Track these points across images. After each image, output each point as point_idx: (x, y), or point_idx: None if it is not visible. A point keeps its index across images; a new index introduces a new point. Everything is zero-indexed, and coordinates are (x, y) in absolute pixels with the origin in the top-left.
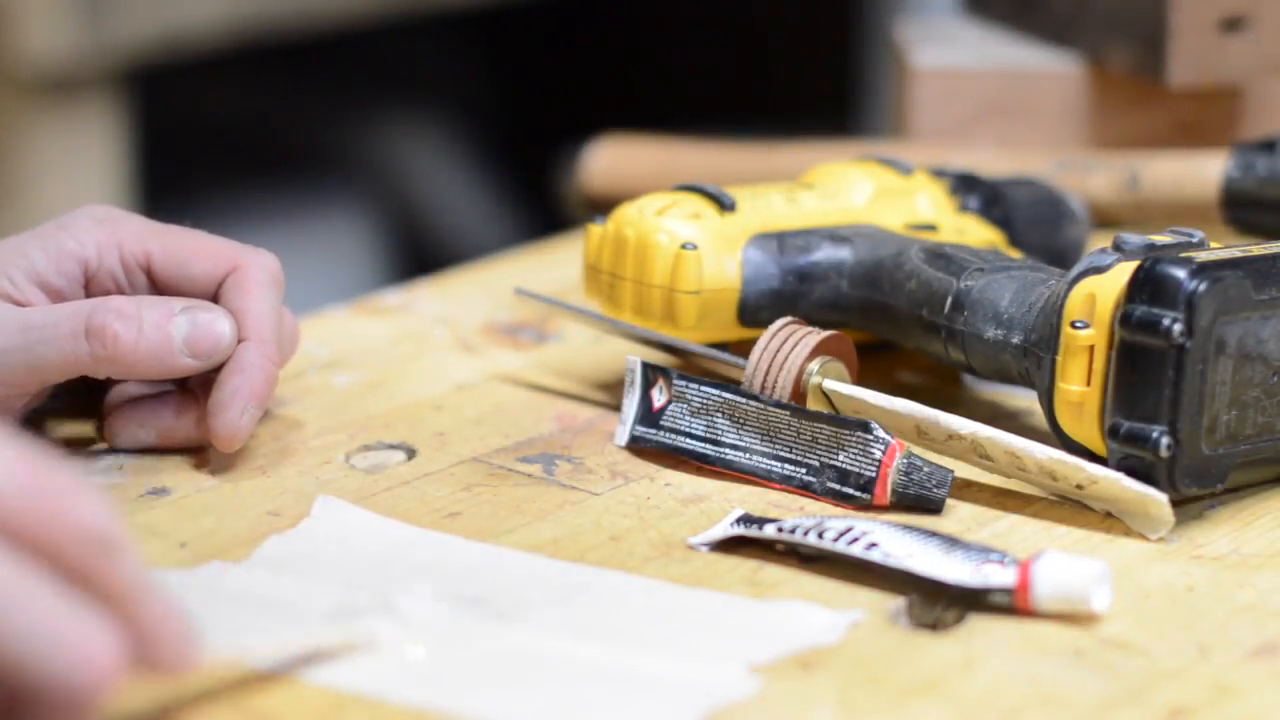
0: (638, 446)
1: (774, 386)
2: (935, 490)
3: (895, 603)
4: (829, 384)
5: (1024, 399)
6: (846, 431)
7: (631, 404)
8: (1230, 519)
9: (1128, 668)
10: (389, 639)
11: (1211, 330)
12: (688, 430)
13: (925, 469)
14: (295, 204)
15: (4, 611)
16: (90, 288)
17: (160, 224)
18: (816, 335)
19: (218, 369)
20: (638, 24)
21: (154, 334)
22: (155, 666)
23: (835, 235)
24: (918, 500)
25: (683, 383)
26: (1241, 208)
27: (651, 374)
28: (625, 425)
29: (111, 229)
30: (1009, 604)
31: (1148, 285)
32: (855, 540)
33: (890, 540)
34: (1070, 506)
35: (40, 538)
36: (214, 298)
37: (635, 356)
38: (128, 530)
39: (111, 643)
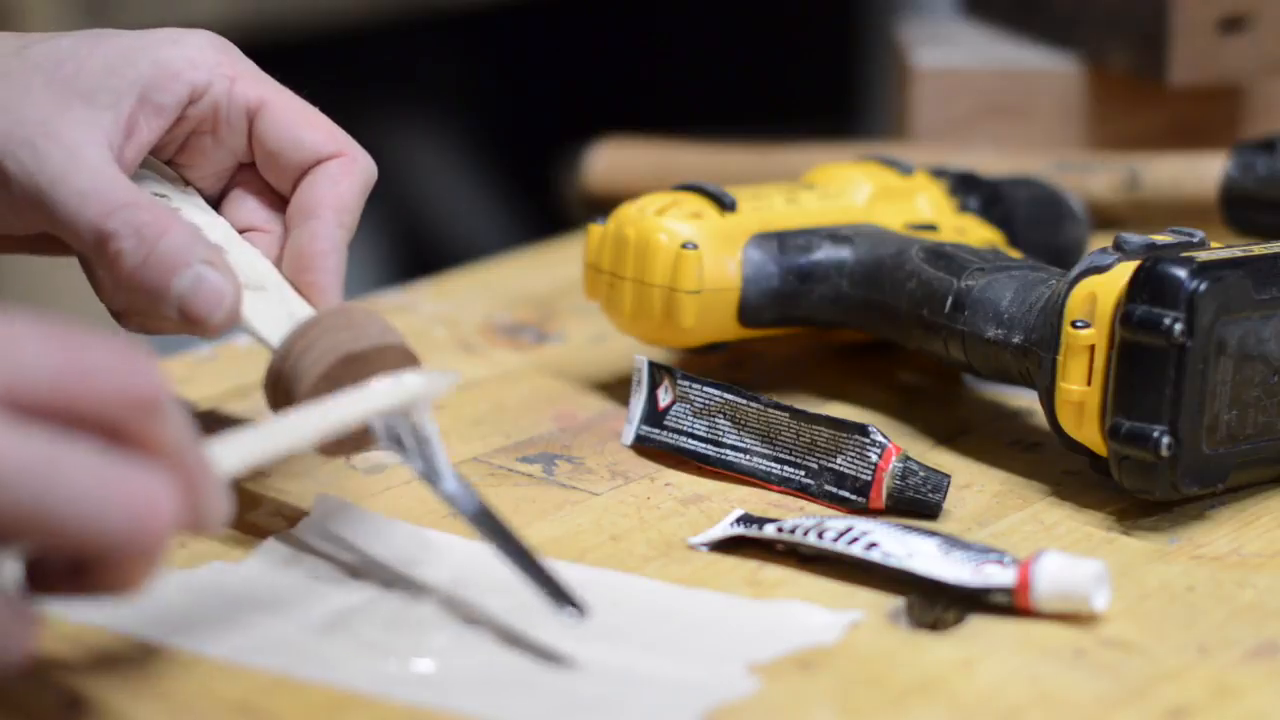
0: (642, 446)
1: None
2: (931, 495)
3: (895, 603)
4: None
5: (1024, 399)
6: (844, 435)
7: (638, 404)
8: (1230, 519)
9: (1128, 668)
10: (397, 646)
11: (1212, 330)
12: (690, 431)
13: (921, 474)
14: None
15: (54, 478)
16: (188, 111)
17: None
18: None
19: None
20: (638, 24)
21: (156, 272)
22: (198, 524)
23: (836, 235)
24: (913, 505)
25: (687, 383)
26: (1241, 208)
27: (658, 374)
28: (631, 425)
29: (231, 61)
30: (1009, 604)
31: (1148, 285)
32: (855, 540)
33: (890, 540)
34: (1070, 506)
35: (85, 412)
36: (302, 175)
37: (642, 356)
38: (169, 387)
39: (166, 492)
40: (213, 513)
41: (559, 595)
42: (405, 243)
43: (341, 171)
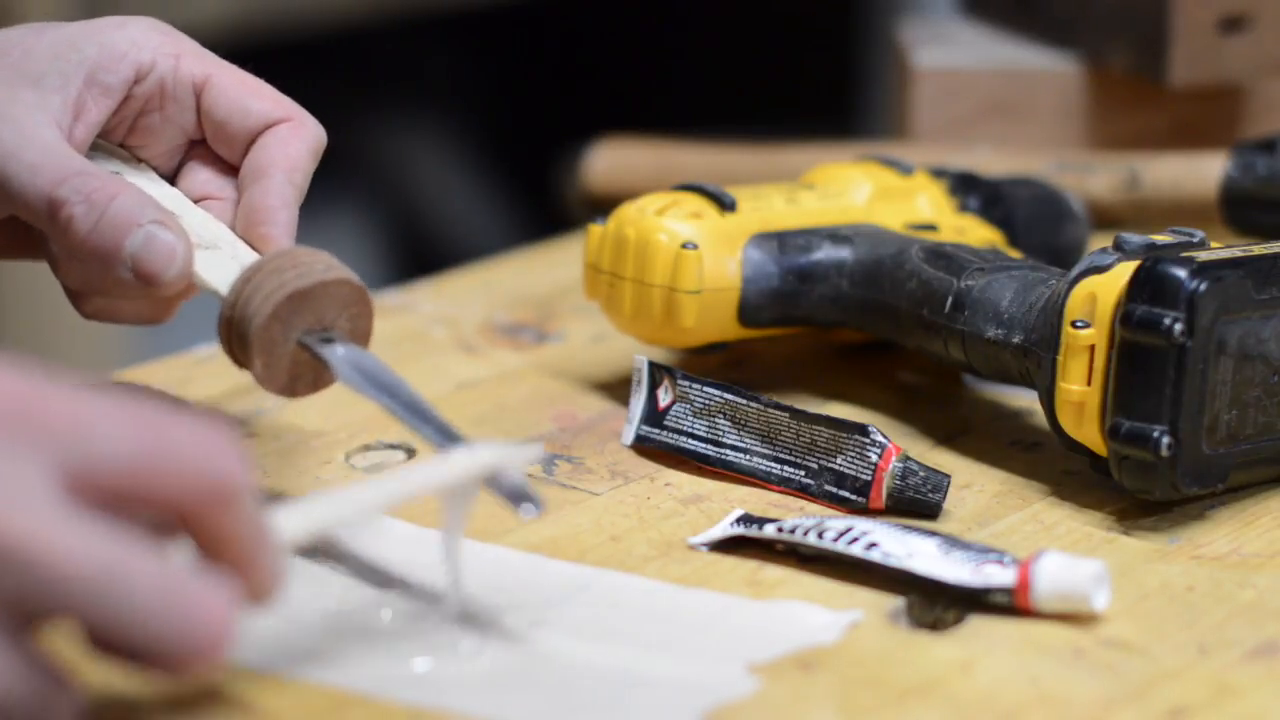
0: (643, 446)
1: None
2: (931, 495)
3: (895, 603)
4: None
5: (1024, 399)
6: (844, 435)
7: (638, 404)
8: (1230, 519)
9: (1128, 668)
10: (397, 646)
11: (1212, 330)
12: (690, 431)
13: (921, 474)
14: None
15: (117, 587)
16: (134, 90)
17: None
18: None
19: None
20: (638, 24)
21: (108, 234)
22: (256, 601)
23: (836, 235)
24: (913, 505)
25: (686, 383)
26: (1241, 208)
27: (658, 374)
28: (631, 425)
29: (174, 41)
30: (1009, 604)
31: (1148, 285)
32: (855, 540)
33: (890, 540)
34: (1070, 506)
35: (161, 498)
36: (252, 142)
37: (642, 356)
38: (247, 472)
39: (230, 602)
40: (272, 590)
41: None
42: (405, 243)
43: (291, 134)
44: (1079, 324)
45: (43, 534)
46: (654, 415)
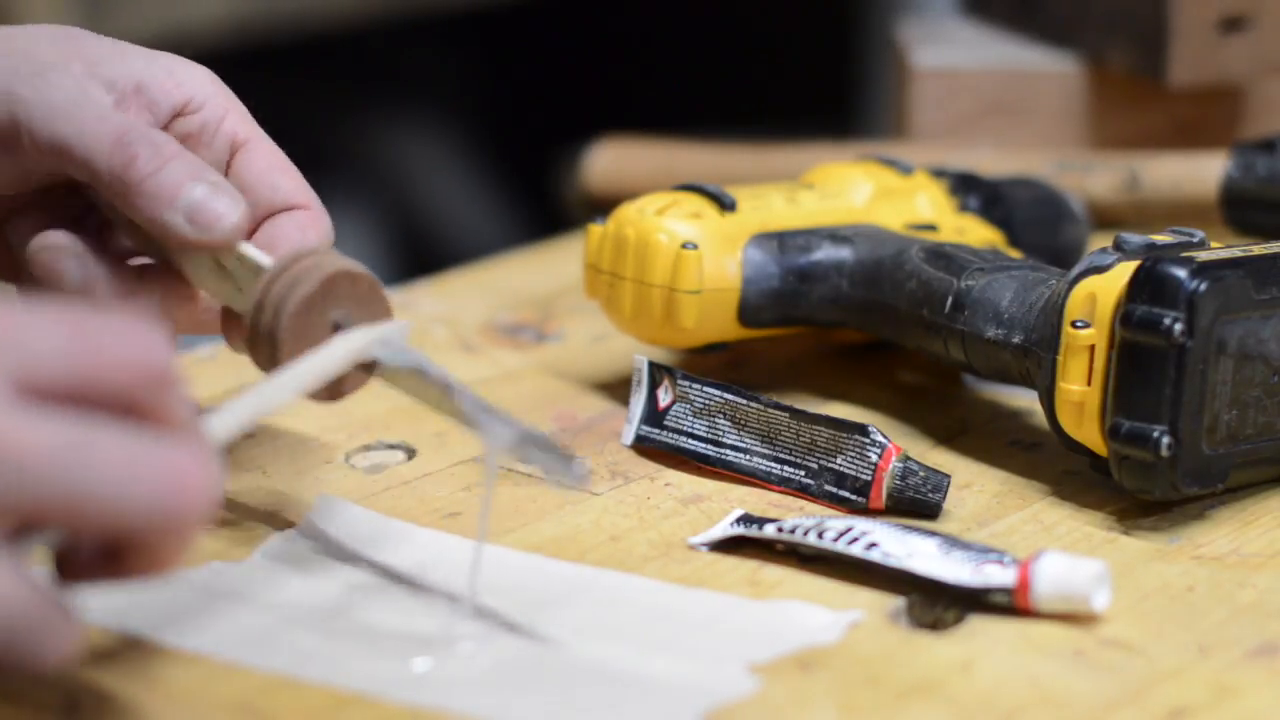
0: (642, 446)
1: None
2: (931, 495)
3: (895, 603)
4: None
5: (1024, 399)
6: (844, 435)
7: (638, 404)
8: (1230, 519)
9: (1128, 668)
10: (397, 646)
11: (1212, 330)
12: (690, 431)
13: (921, 474)
14: None
15: (84, 463)
16: (176, 121)
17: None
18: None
19: None
20: (637, 24)
21: (170, 178)
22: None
23: (835, 235)
24: (913, 505)
25: (686, 383)
26: (1241, 208)
27: (657, 374)
28: (631, 425)
29: (227, 97)
30: (1009, 604)
31: (1148, 285)
32: (855, 540)
33: (890, 540)
34: (1070, 506)
35: (101, 390)
36: (267, 217)
37: (642, 356)
38: (177, 358)
39: (194, 464)
40: (215, 486)
41: (564, 458)
42: (405, 243)
43: (309, 222)
44: (1079, 324)
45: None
46: (654, 415)
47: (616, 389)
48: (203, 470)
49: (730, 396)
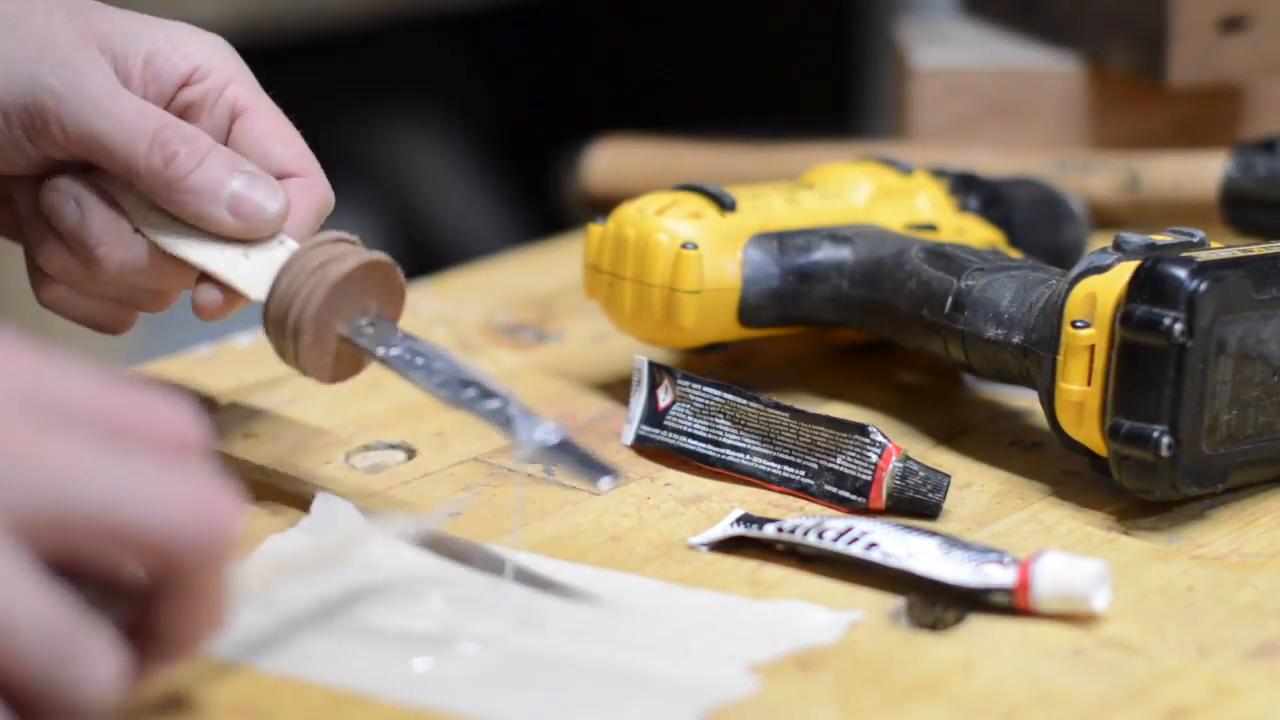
0: (643, 446)
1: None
2: (931, 495)
3: (895, 603)
4: None
5: (1024, 399)
6: (844, 435)
7: (638, 404)
8: (1230, 519)
9: (1128, 668)
10: (397, 646)
11: (1212, 330)
12: (690, 431)
13: (921, 474)
14: None
15: (115, 475)
16: (181, 92)
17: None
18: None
19: None
20: (637, 24)
21: (211, 172)
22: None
23: (835, 235)
24: (913, 505)
25: (686, 383)
26: (1241, 208)
27: (657, 374)
28: (631, 425)
29: (234, 66)
30: (1009, 604)
31: (1148, 285)
32: (855, 540)
33: (890, 540)
34: (1070, 506)
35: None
36: None
37: (642, 356)
38: (206, 434)
39: (220, 491)
40: (240, 515)
41: (592, 465)
42: (405, 242)
43: (299, 192)
44: (1079, 324)
45: (38, 443)
46: (654, 415)
47: (616, 389)
48: (227, 497)
49: (730, 396)
